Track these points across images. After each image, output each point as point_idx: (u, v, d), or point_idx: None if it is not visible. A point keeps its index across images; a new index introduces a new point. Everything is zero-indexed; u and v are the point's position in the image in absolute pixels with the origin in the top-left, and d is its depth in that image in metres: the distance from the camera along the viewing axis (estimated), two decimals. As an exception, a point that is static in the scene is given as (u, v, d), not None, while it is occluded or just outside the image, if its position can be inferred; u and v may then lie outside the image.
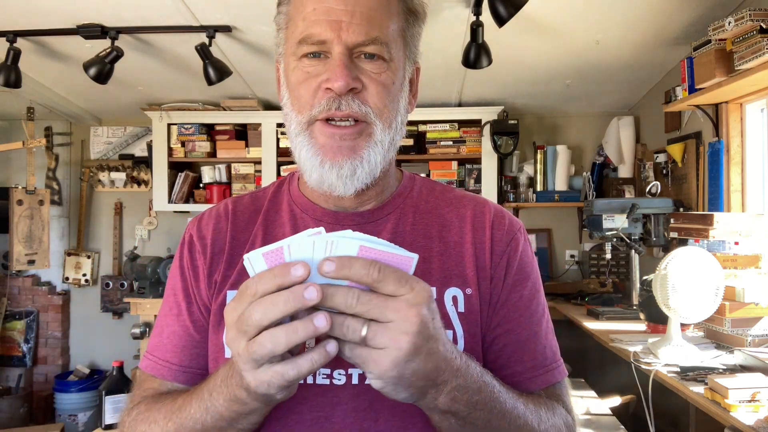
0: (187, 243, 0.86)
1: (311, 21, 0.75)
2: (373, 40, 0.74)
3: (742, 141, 2.83)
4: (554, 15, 2.78)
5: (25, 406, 4.24)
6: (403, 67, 0.80)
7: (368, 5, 0.75)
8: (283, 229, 0.85)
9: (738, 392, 1.73)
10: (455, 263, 0.82)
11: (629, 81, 3.67)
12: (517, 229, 0.87)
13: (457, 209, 0.87)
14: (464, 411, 0.66)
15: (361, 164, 0.76)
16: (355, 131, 0.76)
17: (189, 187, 4.19)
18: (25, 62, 3.05)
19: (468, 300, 0.81)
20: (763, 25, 2.16)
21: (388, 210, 0.85)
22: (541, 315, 0.86)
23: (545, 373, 0.83)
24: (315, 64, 0.76)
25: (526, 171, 4.20)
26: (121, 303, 4.41)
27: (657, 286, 2.25)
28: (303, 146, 0.78)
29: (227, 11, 2.77)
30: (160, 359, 0.84)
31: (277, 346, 0.56)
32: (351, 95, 0.75)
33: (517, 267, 0.84)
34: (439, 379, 0.63)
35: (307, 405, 0.77)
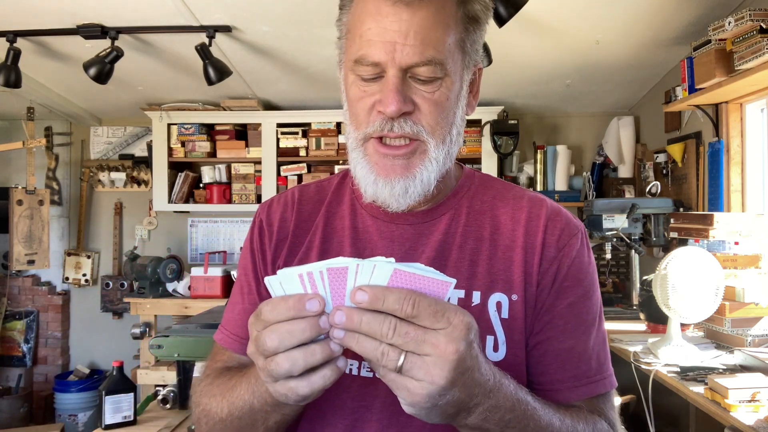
0: (257, 227, 0.91)
1: (366, 40, 0.75)
2: (428, 61, 0.74)
3: (742, 141, 2.83)
4: (554, 15, 2.78)
5: (25, 406, 4.24)
6: (460, 78, 0.80)
7: (423, 24, 0.74)
8: (343, 222, 0.88)
9: (738, 392, 1.73)
10: (503, 267, 0.82)
11: (629, 81, 3.67)
12: (573, 234, 0.84)
13: (513, 210, 0.86)
14: (495, 429, 0.66)
15: (413, 183, 0.78)
16: (409, 151, 0.78)
17: (189, 187, 4.19)
18: (25, 62, 3.05)
19: (513, 306, 0.80)
20: (763, 25, 2.16)
21: (442, 210, 0.86)
22: (590, 324, 0.84)
23: (587, 384, 0.81)
24: (370, 84, 0.77)
25: (526, 171, 4.21)
26: (121, 303, 4.41)
27: (657, 286, 2.25)
28: (358, 162, 0.81)
29: (227, 11, 2.77)
30: (232, 333, 0.89)
31: (294, 367, 0.59)
32: (403, 117, 0.76)
33: (567, 273, 0.82)
34: (471, 403, 0.63)
35: (350, 394, 0.80)
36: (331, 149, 4.05)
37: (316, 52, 3.24)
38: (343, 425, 0.80)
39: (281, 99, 4.12)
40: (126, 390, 1.82)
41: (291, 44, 3.13)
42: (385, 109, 0.75)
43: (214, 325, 1.92)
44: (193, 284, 3.82)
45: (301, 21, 2.86)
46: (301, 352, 0.59)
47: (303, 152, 4.06)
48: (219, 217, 4.49)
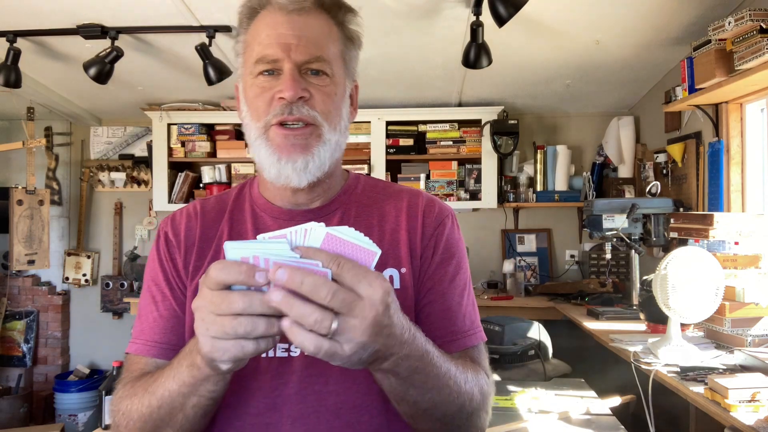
0: (164, 239, 0.99)
1: (265, 44, 0.88)
2: (317, 59, 0.88)
3: (742, 141, 2.84)
4: (554, 15, 2.79)
5: (25, 406, 4.25)
6: (343, 82, 0.94)
7: (312, 32, 0.89)
8: (245, 225, 0.98)
9: (738, 392, 1.73)
10: (392, 247, 0.95)
11: (629, 81, 3.67)
12: (445, 215, 1.00)
13: (395, 201, 1.00)
14: (404, 373, 0.76)
15: (312, 159, 0.89)
16: (306, 132, 0.89)
17: (189, 187, 4.19)
18: (25, 62, 3.06)
19: (403, 278, 0.94)
20: (763, 25, 2.17)
21: (334, 206, 0.98)
22: (462, 289, 0.98)
23: (462, 338, 0.95)
24: (269, 80, 0.89)
25: (526, 171, 4.21)
26: (121, 303, 4.41)
27: (657, 286, 2.25)
28: (261, 148, 0.90)
29: (227, 11, 2.77)
30: (147, 340, 0.94)
31: (253, 332, 0.65)
32: (301, 102, 0.87)
33: (443, 247, 0.97)
34: (387, 353, 0.72)
35: (268, 375, 0.88)
36: (331, 149, 4.04)
37: (316, 52, 3.23)
38: (264, 404, 0.88)
39: (281, 99, 4.12)
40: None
41: (291, 44, 3.13)
42: (285, 94, 0.86)
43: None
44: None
45: (301, 21, 2.86)
46: (263, 321, 0.65)
47: (303, 152, 4.06)
48: (219, 217, 4.48)
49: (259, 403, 0.88)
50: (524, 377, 2.55)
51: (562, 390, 2.20)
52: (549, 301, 3.80)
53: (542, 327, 2.77)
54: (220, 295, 0.65)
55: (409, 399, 0.80)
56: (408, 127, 4.10)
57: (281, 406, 0.87)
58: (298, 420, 0.87)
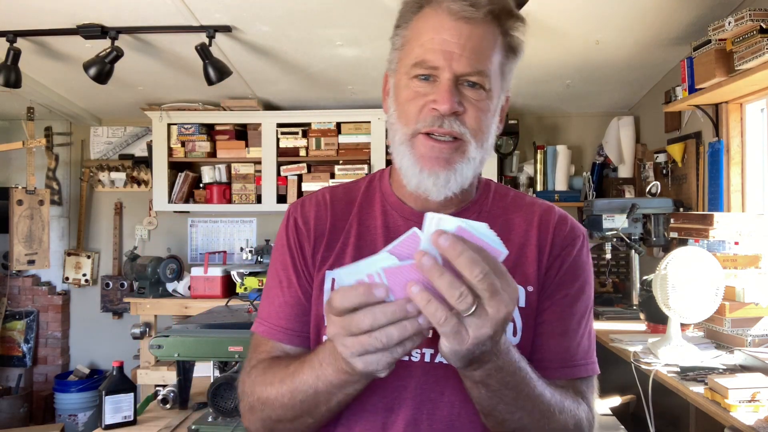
0: (293, 225, 0.98)
1: (427, 48, 0.85)
2: (478, 72, 0.85)
3: (742, 141, 2.83)
4: (554, 15, 2.78)
5: (25, 406, 4.25)
6: (498, 96, 0.90)
7: (478, 41, 0.85)
8: (375, 221, 0.96)
9: (738, 392, 1.73)
10: (519, 263, 0.92)
11: (629, 81, 3.67)
12: (577, 235, 0.96)
13: (526, 214, 0.97)
14: (495, 386, 0.75)
15: (454, 176, 0.87)
16: (452, 147, 0.87)
17: (189, 187, 4.19)
18: (25, 62, 3.05)
19: (529, 297, 0.91)
20: (763, 25, 2.16)
21: (466, 215, 0.95)
22: (582, 316, 0.94)
23: (573, 366, 0.91)
24: (424, 86, 0.86)
25: (526, 171, 4.21)
26: (121, 303, 4.41)
27: (657, 286, 2.25)
28: (405, 155, 0.89)
29: (227, 11, 2.77)
30: (275, 325, 0.95)
31: (390, 341, 0.67)
32: (453, 117, 0.85)
33: (568, 267, 0.93)
34: (485, 358, 0.71)
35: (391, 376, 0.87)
36: (331, 149, 4.05)
37: (316, 52, 3.24)
38: (383, 405, 0.88)
39: (281, 99, 4.12)
40: (126, 390, 1.82)
41: (291, 44, 3.14)
42: (440, 107, 0.84)
43: (215, 325, 1.92)
44: (193, 284, 3.83)
45: (301, 21, 2.86)
46: (395, 328, 0.66)
47: (303, 152, 4.06)
48: (219, 217, 4.49)
49: (378, 403, 0.88)
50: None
51: (562, 390, 2.21)
52: (549, 301, 3.79)
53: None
54: (346, 319, 0.67)
55: (497, 415, 0.79)
56: (408, 127, 4.09)
57: (398, 408, 0.88)
58: (411, 424, 0.87)
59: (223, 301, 2.53)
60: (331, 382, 0.77)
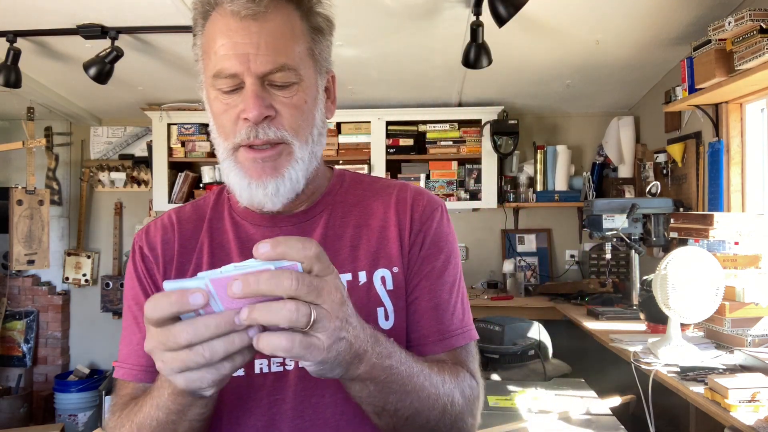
0: (139, 254, 0.92)
1: (221, 56, 0.80)
2: (281, 67, 0.80)
3: (742, 141, 2.83)
4: (554, 15, 2.79)
5: (25, 406, 4.25)
6: (315, 82, 0.86)
7: (272, 35, 0.80)
8: (227, 235, 0.92)
9: (738, 392, 1.73)
10: (381, 246, 0.90)
11: (629, 81, 3.67)
12: (434, 208, 0.94)
13: (383, 197, 0.95)
14: (382, 376, 0.72)
15: (283, 182, 0.83)
16: (275, 152, 0.83)
17: (189, 187, 4.19)
18: (25, 62, 3.05)
19: (396, 277, 0.89)
20: (763, 25, 2.16)
21: (320, 208, 0.93)
22: (452, 285, 0.92)
23: (449, 338, 0.89)
24: (232, 96, 0.82)
25: (526, 171, 4.21)
26: (121, 303, 4.41)
27: (657, 286, 2.25)
28: (231, 170, 0.85)
29: (227, 11, 2.77)
30: (134, 365, 0.89)
31: (214, 356, 0.59)
32: (266, 122, 0.81)
33: (431, 241, 0.92)
34: (359, 350, 0.67)
35: (264, 391, 0.85)
36: (331, 149, 4.05)
37: (316, 52, 3.23)
38: (262, 423, 0.84)
39: (281, 99, 4.12)
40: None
41: (291, 44, 3.13)
42: (247, 115, 0.79)
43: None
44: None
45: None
46: (221, 342, 0.59)
47: (303, 152, 4.06)
48: (219, 217, 4.48)
49: (257, 422, 0.84)
50: (524, 377, 2.56)
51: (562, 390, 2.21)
52: (549, 301, 3.80)
53: (542, 327, 2.77)
54: (164, 332, 0.60)
55: (389, 408, 0.75)
56: (408, 127, 4.10)
57: (279, 422, 0.84)
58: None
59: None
60: (169, 409, 0.71)
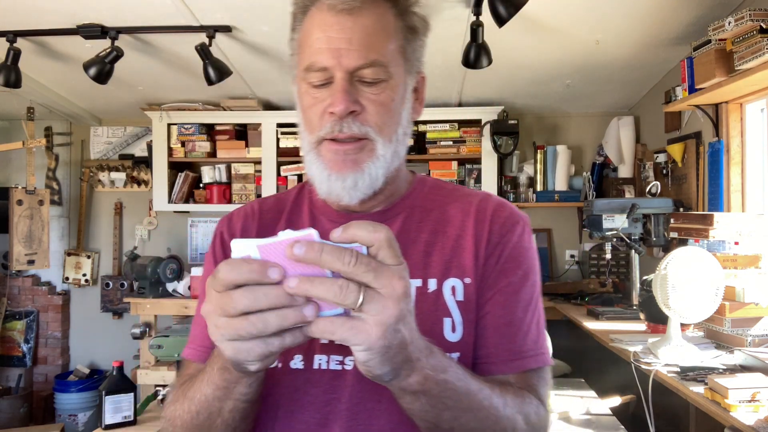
0: (219, 240, 0.96)
1: (314, 49, 0.82)
2: (371, 63, 0.81)
3: (742, 141, 2.83)
4: (554, 15, 2.78)
5: (25, 406, 4.25)
6: (404, 81, 0.86)
7: (365, 31, 0.81)
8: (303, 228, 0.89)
9: (738, 392, 1.73)
10: (455, 255, 0.88)
11: (629, 81, 3.67)
12: (516, 221, 0.91)
13: (463, 205, 0.92)
14: (435, 390, 0.69)
15: (362, 177, 0.84)
16: (357, 147, 0.83)
17: (189, 187, 4.19)
18: (25, 62, 3.05)
19: (467, 288, 0.86)
20: (763, 25, 2.16)
21: (397, 210, 0.92)
22: (528, 304, 0.88)
23: (521, 359, 0.85)
24: (320, 90, 0.83)
25: (526, 171, 4.20)
26: (121, 303, 4.41)
27: (657, 286, 2.25)
28: (313, 163, 0.86)
29: (227, 11, 2.77)
30: (200, 346, 0.91)
31: (266, 328, 0.59)
32: (351, 117, 0.82)
33: (509, 255, 0.88)
34: (413, 355, 0.65)
35: (321, 388, 0.84)
36: (331, 149, 4.04)
37: (316, 52, 3.23)
38: (315, 420, 0.83)
39: (281, 99, 4.12)
40: (126, 390, 1.82)
41: (291, 44, 3.13)
42: (334, 109, 0.80)
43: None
44: (193, 284, 3.82)
45: (301, 21, 2.86)
46: (274, 315, 0.58)
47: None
48: (219, 217, 4.45)
49: (309, 418, 0.83)
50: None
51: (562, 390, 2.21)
52: (549, 301, 3.79)
53: (542, 327, 2.76)
54: (224, 297, 0.59)
55: (443, 425, 0.72)
56: (408, 127, 4.09)
57: (332, 422, 0.83)
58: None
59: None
60: (216, 384, 0.72)
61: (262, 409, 0.84)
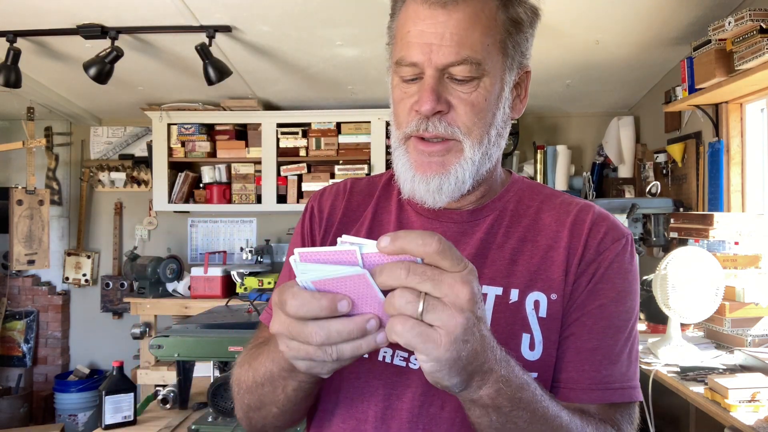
0: (309, 213, 0.95)
1: (406, 42, 0.79)
2: (463, 60, 0.77)
3: (742, 141, 2.83)
4: (554, 15, 2.78)
5: (25, 406, 4.25)
6: (501, 79, 0.82)
7: (459, 25, 0.77)
8: (389, 216, 0.91)
9: (738, 392, 1.73)
10: (543, 267, 0.82)
11: (629, 81, 3.67)
12: (617, 237, 0.84)
13: (559, 213, 0.86)
14: (507, 407, 0.64)
15: (447, 180, 0.80)
16: (444, 148, 0.80)
17: (189, 187, 4.19)
18: (25, 62, 3.05)
19: (552, 305, 0.80)
20: (763, 25, 2.16)
21: (487, 211, 0.87)
22: (620, 329, 0.81)
23: (605, 389, 0.79)
24: (410, 85, 0.81)
25: (526, 171, 4.20)
26: (121, 303, 4.41)
27: (657, 286, 2.25)
28: (399, 159, 0.84)
29: (227, 11, 2.77)
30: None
31: (342, 358, 0.60)
32: (438, 117, 0.78)
33: (603, 274, 0.81)
34: (485, 365, 0.61)
35: (382, 381, 0.81)
36: (331, 149, 4.05)
37: (316, 52, 3.24)
38: (375, 411, 0.81)
39: (281, 99, 4.12)
40: (126, 390, 1.82)
41: (291, 44, 3.13)
42: (419, 108, 0.78)
43: (214, 325, 1.91)
44: (193, 284, 3.83)
45: (301, 21, 2.86)
46: (349, 347, 0.59)
47: (303, 152, 4.06)
48: (219, 217, 4.49)
49: (368, 409, 0.81)
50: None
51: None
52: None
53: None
54: (296, 326, 0.59)
55: None
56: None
57: (390, 419, 0.79)
58: None
59: (223, 301, 2.53)
60: (282, 366, 0.72)
61: (325, 392, 0.85)
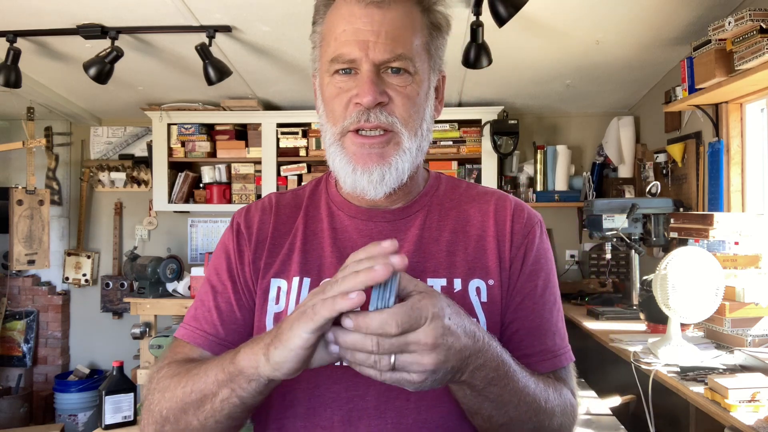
0: (235, 230, 0.94)
1: (341, 41, 0.82)
2: (398, 57, 0.81)
3: (742, 141, 2.83)
4: (554, 15, 2.78)
5: (25, 406, 4.24)
6: (428, 78, 0.86)
7: (393, 24, 0.81)
8: (321, 224, 0.92)
9: (738, 392, 1.73)
10: (478, 256, 0.88)
11: (629, 81, 3.67)
12: (535, 222, 0.92)
13: (480, 204, 0.93)
14: (480, 385, 0.72)
15: (389, 170, 0.83)
16: (383, 140, 0.83)
17: (189, 187, 4.19)
18: (25, 62, 3.05)
19: (490, 290, 0.87)
20: (763, 25, 2.16)
21: (416, 208, 0.92)
22: (553, 304, 0.91)
23: (553, 358, 0.88)
24: (346, 80, 0.83)
25: (526, 171, 4.20)
26: (121, 303, 4.41)
27: (657, 286, 2.25)
28: (336, 155, 0.85)
29: (227, 11, 2.77)
30: (198, 329, 0.89)
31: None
32: (378, 108, 0.81)
33: (533, 258, 0.90)
34: (462, 364, 0.68)
35: (343, 385, 0.83)
36: (331, 149, 4.04)
37: (316, 52, 3.23)
38: (340, 415, 0.82)
39: (281, 99, 4.12)
40: (126, 390, 1.82)
41: (291, 44, 3.13)
42: (362, 100, 0.80)
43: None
44: (193, 284, 3.82)
45: (301, 21, 2.86)
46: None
47: (303, 152, 4.06)
48: (219, 217, 4.49)
49: (332, 416, 0.82)
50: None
51: (562, 390, 2.20)
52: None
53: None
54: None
55: (483, 413, 0.76)
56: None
57: (357, 420, 0.81)
58: None
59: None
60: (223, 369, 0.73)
61: (283, 407, 0.84)
